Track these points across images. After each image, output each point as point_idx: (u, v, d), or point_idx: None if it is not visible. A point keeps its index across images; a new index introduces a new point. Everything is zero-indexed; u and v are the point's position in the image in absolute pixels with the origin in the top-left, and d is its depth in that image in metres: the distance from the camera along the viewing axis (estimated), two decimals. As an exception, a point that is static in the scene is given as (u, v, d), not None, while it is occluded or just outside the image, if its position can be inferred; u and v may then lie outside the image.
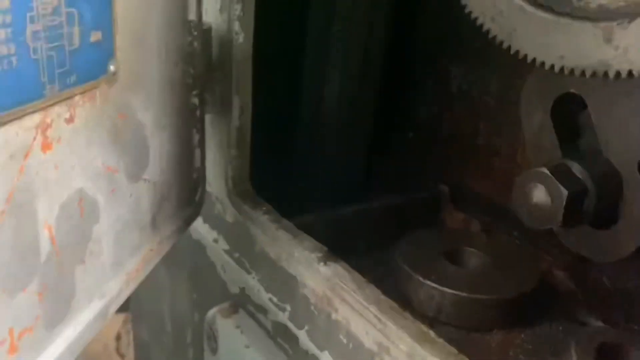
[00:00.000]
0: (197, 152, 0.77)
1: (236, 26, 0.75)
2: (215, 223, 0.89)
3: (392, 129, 1.10)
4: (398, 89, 1.06)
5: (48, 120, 0.46)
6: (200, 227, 0.93)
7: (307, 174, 1.02)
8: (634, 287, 0.73)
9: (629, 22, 0.54)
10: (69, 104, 0.49)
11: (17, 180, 0.44)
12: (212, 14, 0.77)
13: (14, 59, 0.41)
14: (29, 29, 0.43)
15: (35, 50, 0.43)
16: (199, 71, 0.73)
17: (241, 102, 0.78)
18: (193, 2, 0.69)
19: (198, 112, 0.75)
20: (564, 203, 0.62)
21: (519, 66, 0.66)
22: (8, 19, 0.41)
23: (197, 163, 0.78)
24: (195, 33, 0.71)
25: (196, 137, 0.76)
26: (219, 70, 0.79)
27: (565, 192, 0.63)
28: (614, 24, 0.55)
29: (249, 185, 0.82)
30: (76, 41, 0.48)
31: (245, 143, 0.81)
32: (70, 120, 0.49)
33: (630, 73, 0.55)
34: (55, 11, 0.45)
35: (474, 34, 0.65)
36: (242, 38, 0.76)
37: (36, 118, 0.45)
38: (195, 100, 0.74)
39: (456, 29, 0.91)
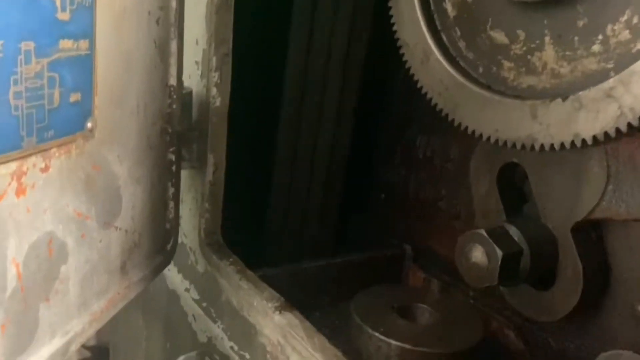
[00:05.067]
0: (171, 204, 0.82)
1: (214, 91, 0.82)
2: (188, 273, 0.94)
3: (368, 190, 1.17)
4: (371, 153, 1.13)
5: (24, 169, 0.53)
6: (175, 277, 0.98)
7: (280, 228, 1.07)
8: (574, 347, 0.76)
9: (550, 101, 0.61)
10: (45, 155, 0.55)
11: (-10, 219, 0.49)
12: (194, 79, 0.85)
13: (-5, 115, 0.48)
14: (12, 90, 0.49)
15: (16, 108, 0.50)
16: (177, 130, 0.79)
17: (215, 159, 0.85)
18: (174, 70, 0.76)
19: (174, 168, 0.81)
20: (499, 263, 0.67)
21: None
22: (-7, 81, 0.47)
23: (171, 214, 0.83)
24: (175, 97, 0.78)
25: (170, 191, 0.82)
26: (197, 129, 0.85)
27: (500, 253, 0.67)
28: (538, 102, 0.62)
29: (219, 237, 0.87)
30: (56, 101, 0.55)
31: (218, 198, 0.87)
32: (45, 169, 0.56)
33: (552, 146, 0.61)
34: (38, 75, 0.52)
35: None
36: (219, 102, 0.83)
37: (12, 166, 0.51)
38: (172, 157, 0.80)
39: (420, 102, 0.99)
